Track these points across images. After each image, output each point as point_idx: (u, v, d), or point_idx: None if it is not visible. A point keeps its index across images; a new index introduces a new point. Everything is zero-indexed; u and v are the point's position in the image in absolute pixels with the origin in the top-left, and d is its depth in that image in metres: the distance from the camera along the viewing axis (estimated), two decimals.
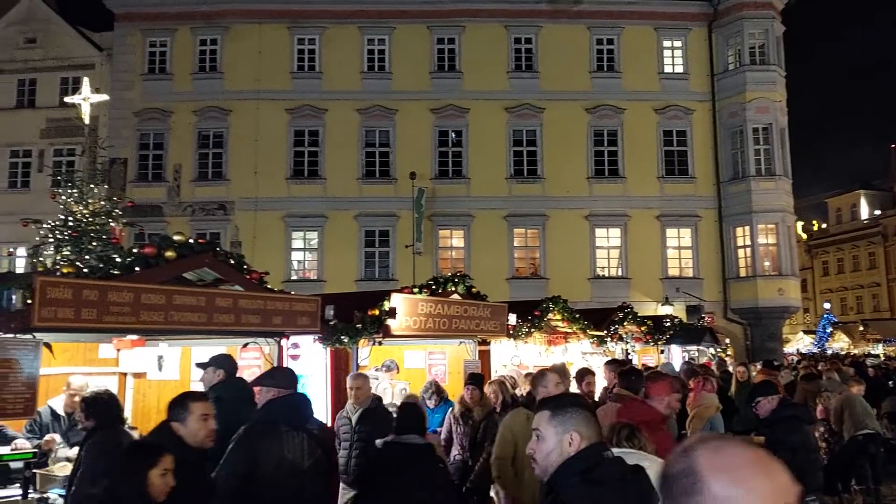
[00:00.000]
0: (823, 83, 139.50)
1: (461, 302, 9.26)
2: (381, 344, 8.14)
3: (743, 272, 26.45)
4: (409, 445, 4.46)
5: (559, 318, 12.02)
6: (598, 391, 8.04)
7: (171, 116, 26.52)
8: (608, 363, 8.77)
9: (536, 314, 11.20)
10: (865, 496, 9.18)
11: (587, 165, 26.95)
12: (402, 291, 8.45)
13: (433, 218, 26.01)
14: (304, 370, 6.83)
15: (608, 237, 26.81)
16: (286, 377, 4.75)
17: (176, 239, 6.00)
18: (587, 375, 7.32)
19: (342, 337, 7.55)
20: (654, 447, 3.62)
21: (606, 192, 26.80)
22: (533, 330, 10.98)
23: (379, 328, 7.79)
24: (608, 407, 5.46)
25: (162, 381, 7.59)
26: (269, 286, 6.92)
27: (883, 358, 30.84)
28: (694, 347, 17.88)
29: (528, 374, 9.28)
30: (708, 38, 27.81)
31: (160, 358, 7.42)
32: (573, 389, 6.91)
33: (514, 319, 10.41)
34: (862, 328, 43.46)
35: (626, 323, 14.27)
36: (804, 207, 48.68)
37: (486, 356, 9.97)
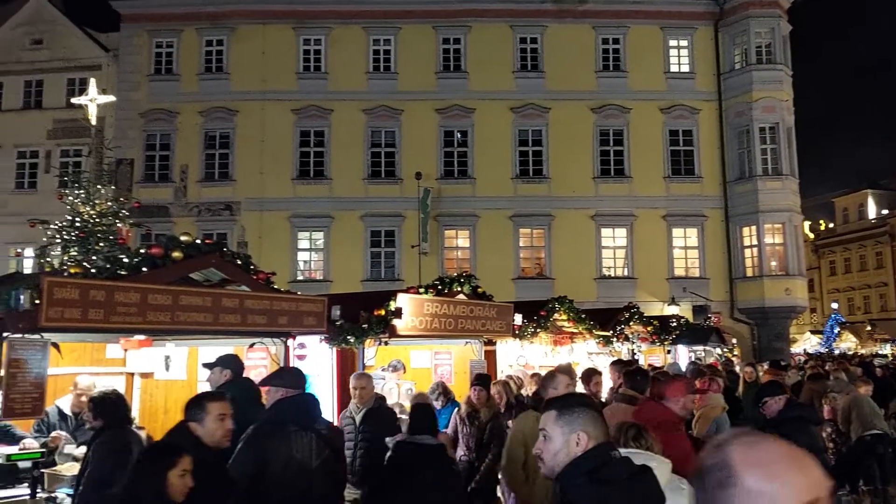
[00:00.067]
0: (830, 82, 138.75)
1: (467, 302, 9.26)
2: (387, 344, 8.15)
3: (750, 272, 26.37)
4: (421, 445, 4.45)
5: (565, 318, 11.99)
6: (604, 392, 8.04)
7: (177, 117, 26.61)
8: (614, 363, 8.76)
9: (542, 314, 11.19)
10: (873, 497, 9.14)
11: (593, 165, 26.92)
12: (407, 291, 8.47)
13: (439, 218, 26.03)
14: (310, 370, 6.82)
15: (614, 237, 26.75)
16: (295, 377, 4.75)
17: (183, 239, 6.02)
18: (594, 375, 7.31)
19: (348, 337, 7.57)
20: (661, 447, 3.60)
21: (612, 191, 26.76)
22: (539, 330, 10.98)
23: (385, 328, 7.81)
24: (615, 407, 5.45)
25: (169, 381, 7.62)
26: (275, 286, 6.93)
27: (891, 358, 30.59)
28: (700, 347, 17.81)
29: (534, 374, 9.30)
30: (714, 37, 27.73)
31: (167, 358, 7.44)
32: (580, 389, 6.90)
33: (519, 319, 10.40)
34: (869, 328, 43.34)
35: (632, 323, 14.24)
36: (811, 207, 48.57)
37: (492, 356, 9.98)
